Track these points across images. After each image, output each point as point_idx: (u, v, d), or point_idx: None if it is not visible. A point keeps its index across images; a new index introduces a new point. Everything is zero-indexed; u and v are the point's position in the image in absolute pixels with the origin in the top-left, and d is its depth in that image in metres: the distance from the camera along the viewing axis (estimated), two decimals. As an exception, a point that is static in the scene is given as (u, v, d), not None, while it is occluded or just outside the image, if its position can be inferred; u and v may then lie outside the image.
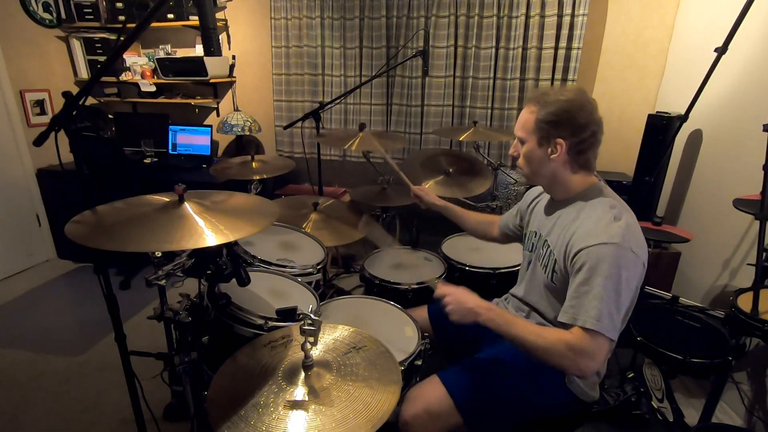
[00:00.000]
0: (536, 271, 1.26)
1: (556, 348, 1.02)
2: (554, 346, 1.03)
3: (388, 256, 2.02)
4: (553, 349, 1.03)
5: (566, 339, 1.02)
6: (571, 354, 1.01)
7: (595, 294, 1.00)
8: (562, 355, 1.02)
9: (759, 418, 1.71)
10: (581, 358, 1.01)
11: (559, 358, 1.02)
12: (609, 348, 1.03)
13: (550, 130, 1.11)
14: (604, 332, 0.99)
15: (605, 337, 1.00)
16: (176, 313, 1.18)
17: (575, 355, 1.01)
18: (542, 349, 1.04)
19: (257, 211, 1.17)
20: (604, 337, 1.00)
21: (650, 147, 2.45)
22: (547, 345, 1.03)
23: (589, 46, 2.80)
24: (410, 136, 3.19)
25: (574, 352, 1.01)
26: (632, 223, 1.07)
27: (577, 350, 1.00)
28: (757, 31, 1.88)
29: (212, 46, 2.57)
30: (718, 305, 1.98)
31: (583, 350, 1.00)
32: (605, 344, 1.01)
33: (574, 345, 1.01)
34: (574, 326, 1.03)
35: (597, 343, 1.00)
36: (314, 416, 0.86)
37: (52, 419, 1.86)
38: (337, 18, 3.06)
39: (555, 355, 1.03)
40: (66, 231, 0.96)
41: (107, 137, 3.06)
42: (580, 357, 1.00)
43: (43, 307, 2.74)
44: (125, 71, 3.34)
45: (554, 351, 1.03)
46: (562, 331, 1.05)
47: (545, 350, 1.04)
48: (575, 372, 1.06)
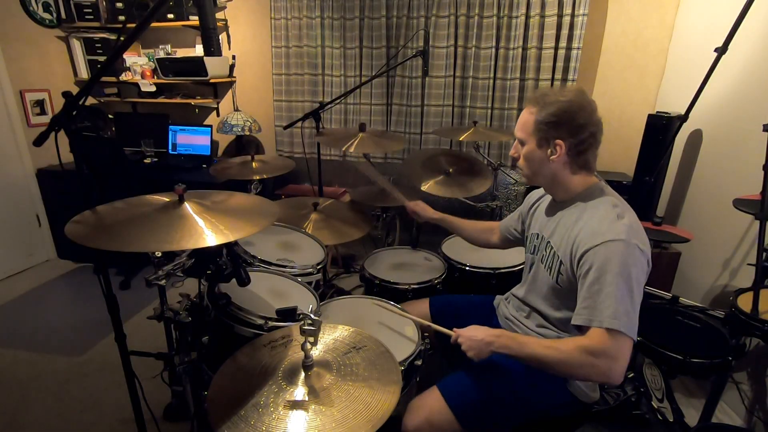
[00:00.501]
0: (539, 273, 1.26)
1: (573, 357, 0.99)
2: (571, 355, 0.99)
3: (388, 256, 2.02)
4: (571, 360, 0.99)
5: (582, 344, 0.99)
6: (592, 359, 0.97)
7: (608, 292, 0.98)
8: (582, 363, 0.98)
9: (759, 418, 1.71)
10: (602, 360, 0.96)
11: (580, 368, 0.99)
12: (630, 347, 0.98)
13: (549, 131, 1.11)
14: (623, 330, 0.96)
15: (625, 336, 0.96)
16: (176, 313, 1.18)
17: (596, 359, 0.97)
18: (560, 362, 1.01)
19: (257, 211, 1.17)
20: (624, 335, 0.96)
21: (650, 147, 2.45)
22: (564, 356, 1.00)
23: (589, 46, 2.80)
24: (410, 136, 3.19)
25: (594, 356, 0.97)
26: (635, 221, 1.07)
27: (597, 353, 0.97)
28: (757, 31, 1.88)
29: (212, 46, 2.58)
30: (718, 305, 1.98)
31: (603, 352, 0.96)
32: (626, 343, 0.97)
33: (593, 348, 0.97)
34: (590, 328, 1.00)
35: (617, 342, 0.96)
36: (314, 416, 0.86)
37: (52, 419, 1.86)
38: (337, 18, 3.06)
39: (574, 365, 0.99)
40: (66, 231, 0.96)
41: (107, 137, 3.06)
42: (601, 360, 0.96)
43: (43, 307, 2.74)
44: (125, 71, 3.34)
45: (573, 361, 0.99)
46: (577, 338, 1.02)
47: (563, 362, 1.00)
48: (602, 378, 1.00)
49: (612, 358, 0.96)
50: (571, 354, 0.99)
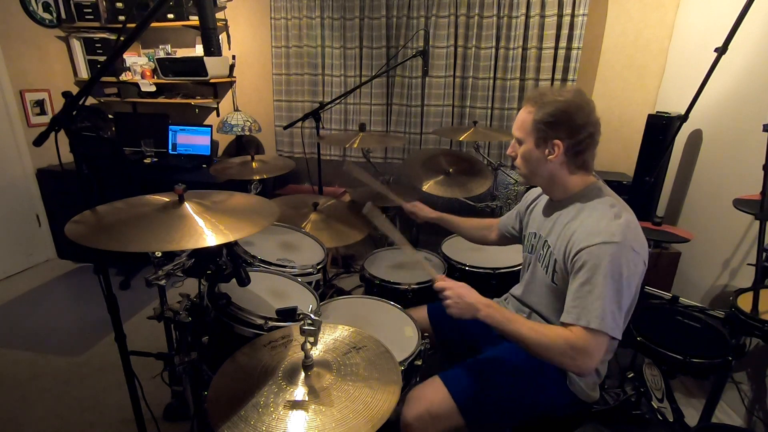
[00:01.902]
0: (536, 272, 1.26)
1: (556, 345, 1.02)
2: (555, 342, 1.02)
3: (388, 256, 2.02)
4: (553, 346, 1.02)
5: (567, 337, 1.02)
6: (572, 352, 1.01)
7: (597, 294, 1.00)
8: (563, 352, 1.02)
9: (759, 418, 1.71)
10: (581, 356, 1.01)
11: (560, 356, 1.02)
12: (608, 346, 1.03)
13: (547, 131, 1.11)
14: (607, 331, 1.00)
15: (607, 336, 1.00)
16: (176, 313, 1.18)
17: (575, 354, 1.01)
18: (542, 346, 1.04)
19: (257, 211, 1.17)
20: (606, 335, 1.00)
21: (650, 147, 2.45)
22: (547, 341, 1.03)
23: (589, 46, 2.80)
24: (410, 136, 3.19)
25: (574, 351, 1.01)
26: (632, 222, 1.07)
27: (578, 349, 1.00)
28: (757, 31, 1.88)
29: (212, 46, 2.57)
30: (718, 305, 1.98)
31: (583, 349, 1.00)
32: (605, 343, 1.02)
33: (575, 344, 1.01)
34: (576, 325, 1.02)
35: (597, 342, 1.01)
36: (314, 416, 0.86)
37: (52, 419, 1.86)
38: (337, 18, 3.06)
39: (555, 352, 1.02)
40: (66, 231, 0.96)
41: (107, 137, 3.05)
42: (579, 355, 1.01)
43: (43, 307, 2.74)
44: (125, 71, 3.34)
45: (554, 348, 1.02)
46: (563, 329, 1.05)
47: (545, 347, 1.03)
48: (573, 369, 1.07)
49: (589, 356, 1.01)
50: (554, 342, 1.03)
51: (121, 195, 1.19)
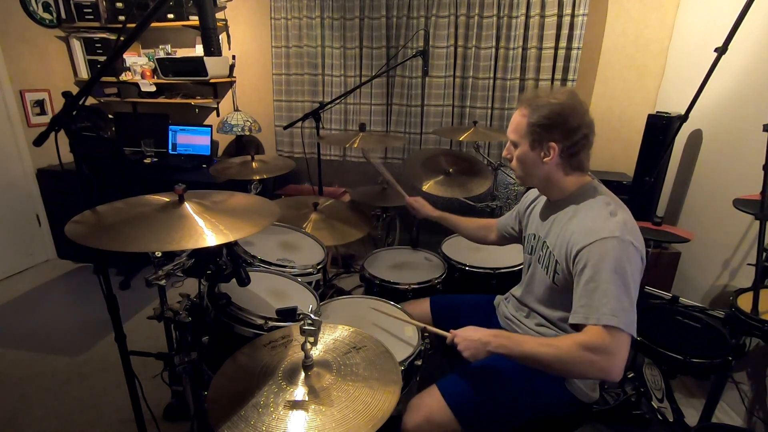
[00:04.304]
0: (537, 273, 1.26)
1: (571, 354, 0.98)
2: (569, 352, 0.98)
3: (388, 256, 2.02)
4: (568, 357, 0.98)
5: (580, 341, 0.98)
6: (590, 355, 0.96)
7: (604, 290, 0.98)
8: (580, 359, 0.97)
9: (759, 418, 1.71)
10: (601, 356, 0.95)
11: (578, 365, 0.98)
12: (629, 343, 0.97)
13: (542, 133, 1.11)
14: (621, 326, 0.95)
15: (623, 332, 0.96)
16: (176, 313, 1.18)
17: (594, 355, 0.96)
18: (558, 360, 1.00)
19: (257, 211, 1.17)
20: (622, 332, 0.96)
21: (650, 147, 2.45)
22: (561, 353, 0.99)
23: (589, 46, 2.80)
24: (410, 136, 3.19)
25: (592, 352, 0.96)
26: (628, 218, 1.07)
27: (595, 349, 0.96)
28: (757, 31, 1.88)
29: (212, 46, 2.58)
30: (718, 305, 1.98)
31: (601, 348, 0.96)
32: (625, 339, 0.96)
33: (590, 344, 0.96)
34: (587, 326, 0.99)
35: (615, 338, 0.96)
36: (314, 416, 0.86)
37: (52, 419, 1.86)
38: (337, 18, 3.06)
39: (572, 362, 0.98)
40: (66, 231, 0.96)
41: (107, 137, 3.06)
42: (599, 356, 0.95)
43: (43, 307, 2.74)
44: (125, 71, 3.34)
45: (570, 358, 0.98)
46: (575, 334, 1.02)
47: (561, 360, 0.99)
48: (600, 375, 0.99)
49: (611, 355, 0.95)
50: (568, 351, 0.99)
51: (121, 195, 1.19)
